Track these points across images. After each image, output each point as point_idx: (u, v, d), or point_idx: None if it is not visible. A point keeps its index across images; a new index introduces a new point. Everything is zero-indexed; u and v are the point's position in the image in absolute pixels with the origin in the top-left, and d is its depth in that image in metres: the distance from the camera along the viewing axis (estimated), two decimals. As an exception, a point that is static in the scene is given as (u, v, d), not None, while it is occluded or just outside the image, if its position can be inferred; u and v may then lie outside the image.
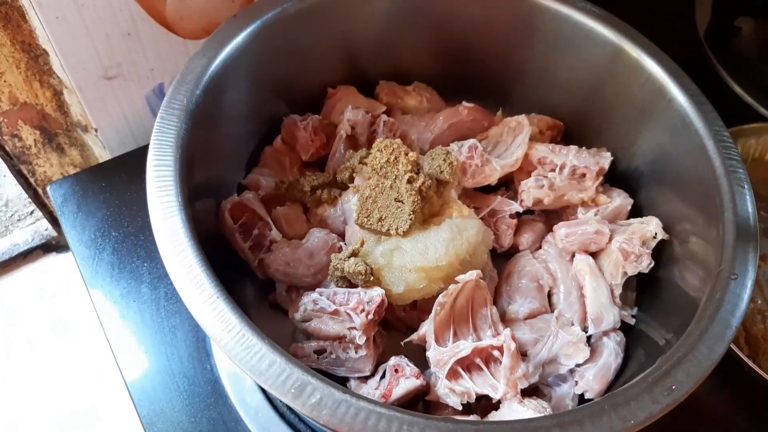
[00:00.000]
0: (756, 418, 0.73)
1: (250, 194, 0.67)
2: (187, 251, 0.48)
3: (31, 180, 0.99)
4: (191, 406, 0.72)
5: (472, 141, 0.69)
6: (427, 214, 0.63)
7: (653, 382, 0.46)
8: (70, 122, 0.93)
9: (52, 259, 1.14)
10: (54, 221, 1.11)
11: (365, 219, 0.61)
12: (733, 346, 0.66)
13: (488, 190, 0.72)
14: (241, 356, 0.44)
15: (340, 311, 0.58)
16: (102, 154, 0.98)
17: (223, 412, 0.72)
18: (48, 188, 0.87)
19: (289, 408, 0.71)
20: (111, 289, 0.80)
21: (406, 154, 0.62)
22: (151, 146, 0.53)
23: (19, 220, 1.18)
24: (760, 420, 0.73)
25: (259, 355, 0.44)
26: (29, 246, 1.12)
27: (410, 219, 0.60)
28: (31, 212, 1.18)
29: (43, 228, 1.14)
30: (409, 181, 0.61)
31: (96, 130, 0.92)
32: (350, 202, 0.65)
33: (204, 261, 0.48)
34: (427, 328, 0.60)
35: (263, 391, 0.72)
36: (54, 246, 1.14)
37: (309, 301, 0.59)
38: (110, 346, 0.76)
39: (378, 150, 0.63)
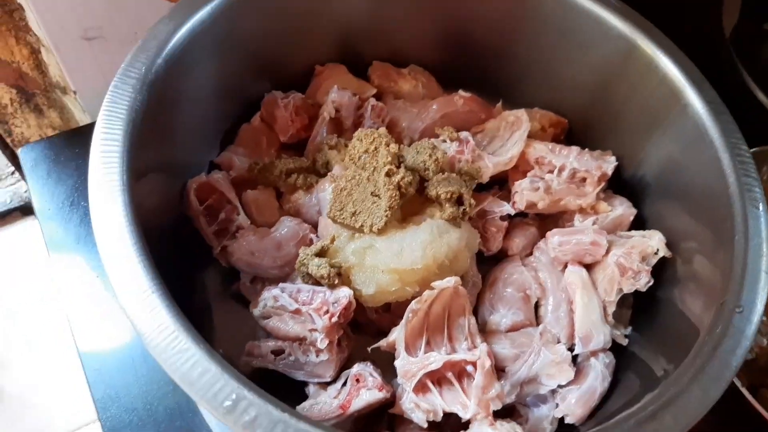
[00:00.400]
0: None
1: (220, 174, 0.62)
2: (125, 238, 0.43)
3: (8, 140, 0.95)
4: (148, 393, 0.68)
5: (464, 134, 0.64)
6: (406, 212, 0.57)
7: (637, 424, 0.41)
8: (48, 83, 0.88)
9: (30, 222, 1.10)
10: (33, 184, 1.07)
11: (338, 212, 0.56)
12: (736, 380, 0.61)
13: (480, 188, 0.66)
14: (172, 361, 0.39)
15: (302, 311, 0.53)
16: (83, 117, 0.94)
17: (181, 402, 0.68)
18: (19, 150, 0.82)
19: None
20: (75, 262, 0.76)
21: (387, 145, 0.57)
22: (99, 119, 0.48)
23: (-1, 180, 1.14)
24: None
25: (191, 362, 0.39)
26: (8, 207, 1.08)
27: (386, 216, 0.54)
28: (12, 172, 1.14)
29: (22, 190, 1.10)
30: (388, 175, 0.55)
31: (75, 93, 0.87)
32: (326, 191, 0.60)
33: (143, 250, 0.43)
34: (397, 335, 0.55)
35: (223, 384, 0.68)
36: (33, 209, 1.10)
37: (270, 296, 0.54)
38: (69, 322, 0.72)
39: (358, 139, 0.58)
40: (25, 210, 1.10)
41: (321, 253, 0.56)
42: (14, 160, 1.00)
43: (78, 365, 0.98)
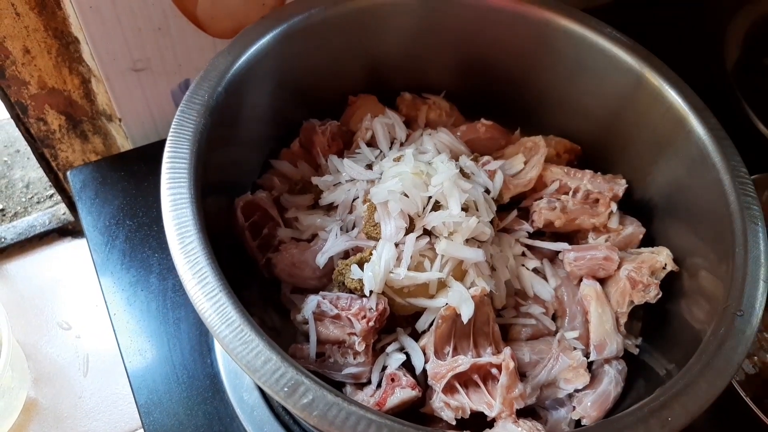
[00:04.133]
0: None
1: (264, 194, 0.67)
2: (194, 243, 0.48)
3: (53, 164, 1.01)
4: (189, 399, 0.73)
5: (486, 158, 0.69)
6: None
7: (649, 412, 0.46)
8: (95, 110, 0.94)
9: (67, 244, 1.15)
10: (72, 206, 1.13)
11: (371, 228, 0.62)
12: (741, 392, 0.66)
13: (500, 209, 0.72)
14: (238, 351, 0.44)
15: (342, 316, 0.58)
16: (124, 143, 1.00)
17: (220, 407, 0.72)
18: (68, 173, 0.88)
19: (284, 409, 0.71)
20: (120, 276, 0.81)
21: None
22: (168, 138, 0.54)
23: (38, 202, 1.20)
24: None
25: (255, 352, 0.44)
26: (46, 228, 1.13)
27: (417, 230, 0.60)
28: (51, 195, 1.20)
29: (60, 212, 1.15)
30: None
31: (120, 120, 0.94)
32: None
33: (210, 255, 0.48)
34: (427, 341, 0.60)
35: (261, 390, 0.72)
36: (70, 231, 1.16)
37: (312, 303, 0.60)
38: (115, 333, 0.77)
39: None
40: (62, 231, 1.15)
41: (359, 265, 0.61)
42: (57, 183, 1.06)
43: (115, 379, 1.04)
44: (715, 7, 1.04)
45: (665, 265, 0.65)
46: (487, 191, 0.67)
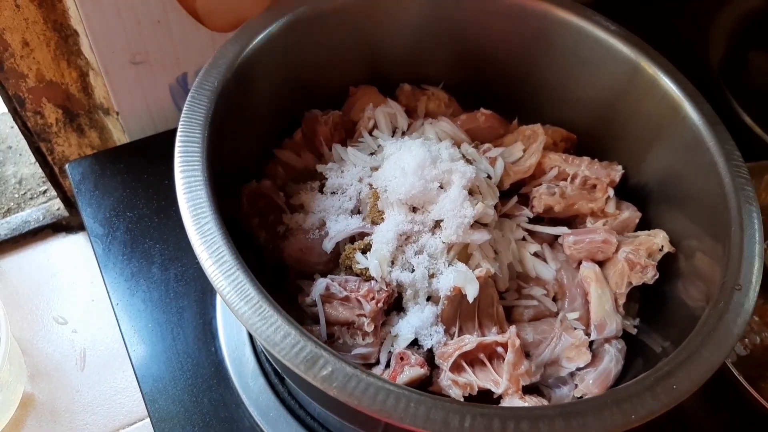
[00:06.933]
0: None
1: (268, 182, 0.68)
2: (210, 224, 0.49)
3: (49, 158, 1.01)
4: (194, 386, 0.73)
5: (487, 145, 0.71)
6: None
7: (655, 381, 0.47)
8: (92, 104, 0.95)
9: (62, 240, 1.15)
10: (67, 201, 1.12)
11: (376, 214, 0.63)
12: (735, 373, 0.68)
13: (501, 195, 0.73)
14: (258, 326, 0.45)
15: (351, 297, 0.59)
16: (120, 138, 1.00)
17: (225, 394, 0.73)
18: (66, 166, 0.89)
19: (290, 394, 0.72)
20: (122, 267, 0.81)
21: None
22: (180, 123, 0.55)
23: (31, 198, 1.19)
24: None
25: (274, 327, 0.45)
26: (40, 224, 1.13)
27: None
28: (44, 191, 1.20)
29: (54, 207, 1.15)
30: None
31: (117, 114, 0.94)
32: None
33: (226, 235, 0.49)
34: (433, 322, 0.61)
35: (265, 376, 0.73)
36: (64, 226, 1.15)
37: (321, 286, 0.61)
38: (118, 323, 0.77)
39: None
40: (56, 227, 1.15)
41: (365, 250, 0.62)
42: (52, 177, 1.06)
43: (112, 374, 1.04)
44: (700, 2, 1.07)
45: (662, 246, 0.67)
46: (489, 177, 0.68)
